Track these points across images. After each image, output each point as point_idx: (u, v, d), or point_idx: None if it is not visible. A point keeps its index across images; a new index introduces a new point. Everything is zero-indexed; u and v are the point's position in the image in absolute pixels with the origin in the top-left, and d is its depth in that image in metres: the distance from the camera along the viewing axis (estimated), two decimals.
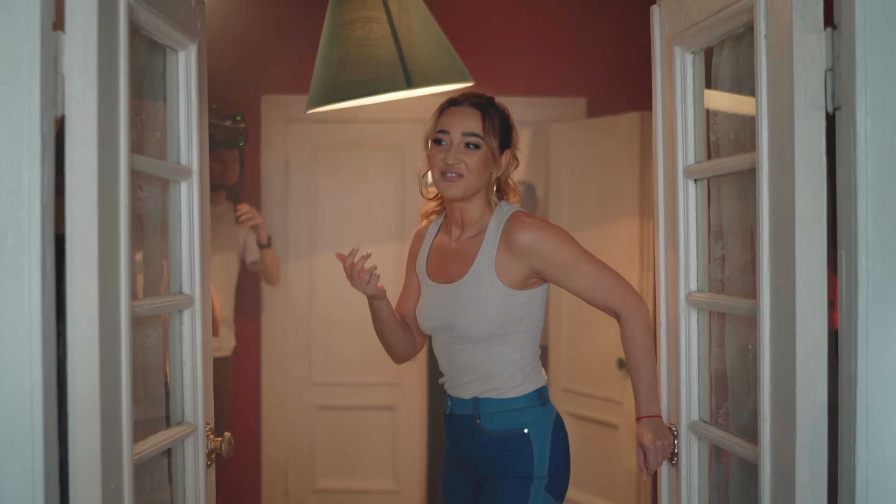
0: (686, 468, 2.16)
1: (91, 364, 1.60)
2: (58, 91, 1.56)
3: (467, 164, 2.34)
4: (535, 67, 4.86)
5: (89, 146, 1.59)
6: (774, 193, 1.73)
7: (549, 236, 2.32)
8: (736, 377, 2.04)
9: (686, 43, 2.11)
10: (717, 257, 2.11)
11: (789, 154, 1.66)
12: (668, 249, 2.24)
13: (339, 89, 3.12)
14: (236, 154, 4.48)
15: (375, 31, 3.11)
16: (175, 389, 2.08)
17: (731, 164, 1.99)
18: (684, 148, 2.15)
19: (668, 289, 2.24)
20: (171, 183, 2.06)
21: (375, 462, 4.93)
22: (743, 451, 1.93)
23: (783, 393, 1.71)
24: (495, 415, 2.37)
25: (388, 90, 3.09)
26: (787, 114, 1.67)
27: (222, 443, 2.18)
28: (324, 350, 4.93)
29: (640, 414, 2.28)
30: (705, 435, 2.10)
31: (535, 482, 2.33)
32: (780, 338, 1.72)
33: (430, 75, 3.16)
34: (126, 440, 1.70)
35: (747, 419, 1.98)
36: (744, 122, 2.00)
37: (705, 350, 2.14)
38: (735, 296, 2.04)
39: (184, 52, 2.07)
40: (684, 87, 2.14)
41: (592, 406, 4.56)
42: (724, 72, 2.04)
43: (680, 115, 2.15)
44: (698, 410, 2.15)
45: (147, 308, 1.90)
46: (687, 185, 2.15)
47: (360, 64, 3.07)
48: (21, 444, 1.48)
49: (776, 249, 1.73)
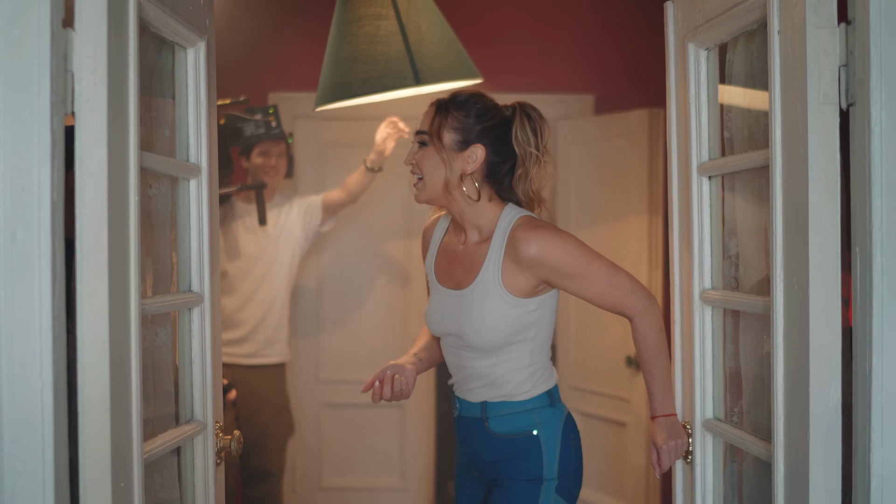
0: (701, 466, 2.15)
1: (101, 362, 1.59)
2: (67, 88, 1.56)
3: (420, 164, 2.28)
4: (542, 64, 4.85)
5: (99, 143, 1.59)
6: (788, 190, 1.72)
7: (555, 247, 2.21)
8: (750, 375, 2.03)
9: (700, 39, 2.10)
10: (731, 255, 2.10)
11: (803, 150, 1.65)
12: (682, 247, 2.23)
13: (347, 87, 3.11)
14: (283, 148, 4.25)
15: (384, 28, 3.11)
16: (184, 388, 2.07)
17: (746, 160, 1.98)
18: (698, 145, 2.14)
19: (682, 286, 2.23)
20: (181, 180, 2.06)
21: (383, 459, 4.92)
22: (757, 450, 1.92)
23: (797, 391, 1.70)
24: (504, 417, 2.32)
25: (396, 87, 3.08)
26: (800, 110, 1.65)
27: (231, 441, 2.17)
28: (331, 348, 4.92)
29: (655, 413, 2.26)
30: (720, 433, 2.09)
31: (544, 484, 2.29)
32: (794, 336, 1.71)
33: (439, 72, 3.15)
34: (136, 438, 1.70)
35: (762, 417, 1.97)
36: (758, 119, 1.99)
37: (720, 348, 2.13)
38: (749, 293, 2.02)
39: (192, 49, 2.06)
40: (698, 84, 2.13)
41: (601, 404, 4.55)
42: (738, 68, 2.03)
43: (694, 111, 2.14)
44: (713, 408, 2.14)
45: (156, 306, 1.90)
46: (701, 182, 2.14)
47: (368, 61, 3.06)
48: (31, 443, 1.48)
49: (790, 247, 1.72)
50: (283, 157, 4.26)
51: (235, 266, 4.21)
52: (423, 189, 2.29)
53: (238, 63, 4.66)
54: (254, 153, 4.23)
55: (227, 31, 4.65)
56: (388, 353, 4.91)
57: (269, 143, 4.19)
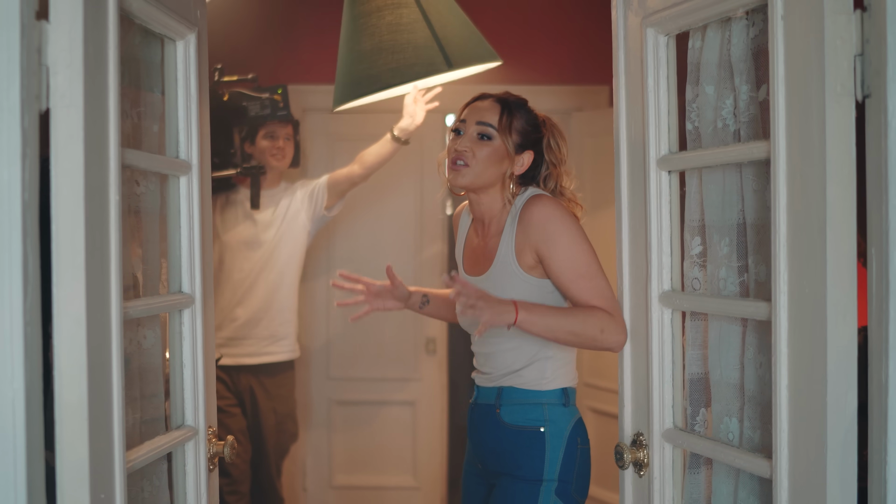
0: (659, 479, 2.01)
1: (78, 368, 1.53)
2: (42, 83, 1.49)
3: (475, 154, 2.32)
4: (557, 55, 4.77)
5: (75, 140, 1.52)
6: (795, 186, 1.61)
7: (550, 213, 2.25)
8: (722, 382, 1.91)
9: (662, 25, 1.96)
10: (694, 254, 1.97)
11: (818, 144, 1.55)
12: (632, 246, 2.09)
13: (375, 79, 3.01)
14: (290, 131, 4.02)
15: (406, 15, 3.02)
16: (175, 392, 2.01)
17: (728, 154, 1.85)
18: (657, 137, 1.99)
19: (632, 288, 2.09)
20: (170, 178, 1.99)
21: (395, 458, 4.86)
22: (742, 461, 1.79)
23: (806, 400, 1.60)
24: (515, 406, 2.33)
25: (429, 74, 3.00)
26: (815, 101, 1.55)
27: (225, 446, 2.11)
28: (342, 344, 4.86)
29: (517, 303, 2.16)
30: (685, 444, 1.95)
31: (544, 485, 2.28)
32: (802, 342, 1.60)
33: (468, 55, 3.08)
34: (118, 447, 1.63)
35: (742, 427, 1.86)
36: (739, 110, 1.86)
37: (679, 352, 2.00)
38: (726, 295, 1.90)
39: (182, 41, 1.99)
40: (657, 73, 1.99)
41: (614, 401, 4.46)
42: (709, 56, 1.91)
43: (653, 102, 1.99)
44: (672, 417, 2.00)
45: (142, 309, 1.83)
46: (660, 177, 2.00)
47: (395, 50, 2.98)
48: (2, 456, 1.42)
49: (796, 247, 1.61)
50: (290, 141, 4.03)
51: (233, 255, 3.99)
52: (466, 175, 2.33)
53: (245, 55, 4.60)
54: (259, 135, 3.98)
55: (233, 23, 4.59)
56: (400, 349, 4.86)
57: (276, 124, 3.97)
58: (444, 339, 4.88)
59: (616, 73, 2.14)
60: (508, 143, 2.33)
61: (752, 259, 1.87)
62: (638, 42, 2.04)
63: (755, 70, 1.84)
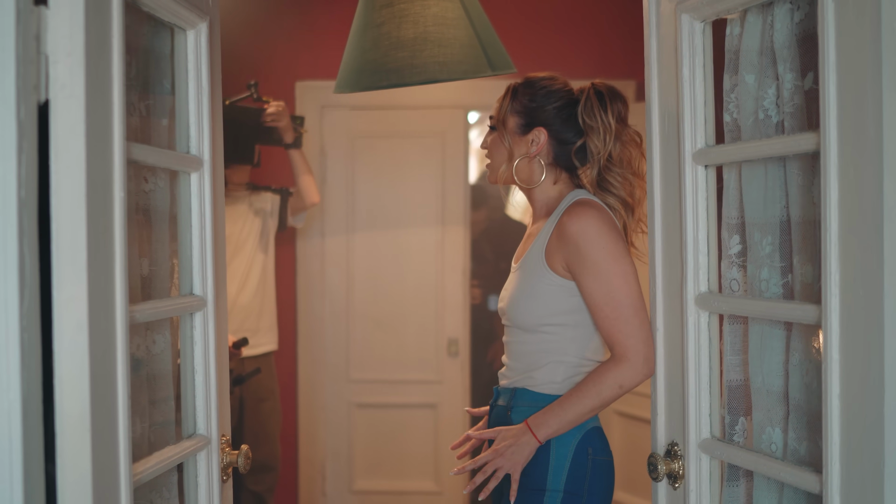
0: (696, 493, 1.89)
1: (80, 377, 1.43)
2: (41, 73, 1.40)
3: (489, 148, 2.36)
4: (583, 49, 4.67)
5: (76, 134, 1.42)
6: (847, 181, 1.49)
7: (588, 227, 2.13)
8: (764, 389, 1.79)
9: (699, 11, 1.84)
10: (732, 253, 1.85)
11: (873, 135, 1.43)
12: (666, 244, 1.98)
13: (420, 70, 2.88)
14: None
15: (451, 10, 2.91)
16: (186, 399, 1.91)
17: (772, 147, 1.73)
18: (693, 130, 1.88)
19: (666, 289, 1.98)
20: (181, 174, 1.89)
21: (416, 462, 4.76)
22: (789, 476, 1.67)
23: (861, 412, 1.48)
24: (525, 409, 2.23)
25: (475, 74, 2.90)
26: (870, 89, 1.43)
27: (239, 456, 2.01)
28: (362, 345, 4.77)
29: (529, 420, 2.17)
30: (725, 455, 1.83)
31: (548, 494, 2.17)
32: (856, 348, 1.48)
33: (504, 60, 2.98)
34: (123, 459, 1.53)
35: (789, 438, 1.74)
36: (782, 100, 1.74)
37: (716, 358, 1.88)
38: (768, 297, 1.78)
39: (193, 31, 1.89)
40: (692, 62, 1.87)
41: (640, 404, 4.35)
42: (749, 43, 1.79)
43: (688, 93, 1.88)
44: (710, 427, 1.89)
45: (149, 312, 1.73)
46: (696, 172, 1.88)
47: (442, 44, 2.86)
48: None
49: (849, 246, 1.49)
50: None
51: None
52: (492, 171, 2.36)
53: (262, 51, 4.51)
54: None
55: (249, 18, 4.51)
56: (421, 351, 4.76)
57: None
58: (467, 341, 4.78)
59: (648, 63, 2.03)
60: (507, 128, 2.31)
61: (797, 259, 1.75)
62: (672, 29, 1.93)
63: (801, 57, 1.72)
